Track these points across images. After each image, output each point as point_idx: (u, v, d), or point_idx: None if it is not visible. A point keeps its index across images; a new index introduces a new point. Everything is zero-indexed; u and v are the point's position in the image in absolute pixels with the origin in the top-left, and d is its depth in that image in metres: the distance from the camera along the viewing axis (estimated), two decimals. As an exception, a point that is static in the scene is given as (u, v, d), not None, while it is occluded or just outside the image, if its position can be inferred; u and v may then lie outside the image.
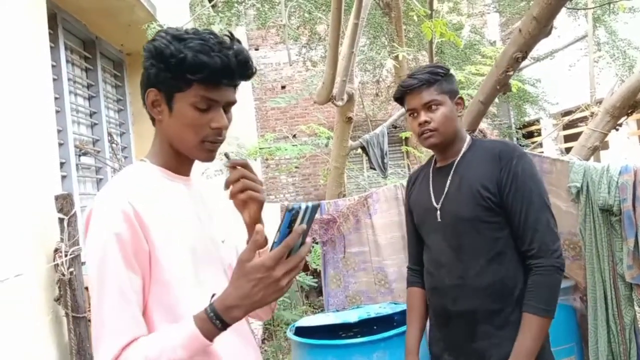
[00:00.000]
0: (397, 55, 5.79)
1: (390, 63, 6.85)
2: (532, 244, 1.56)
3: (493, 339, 1.59)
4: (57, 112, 2.69)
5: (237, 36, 1.13)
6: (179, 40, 1.06)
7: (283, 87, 10.04)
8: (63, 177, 2.66)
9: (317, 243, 3.25)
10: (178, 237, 1.08)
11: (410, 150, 6.19)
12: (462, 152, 1.71)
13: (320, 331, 2.59)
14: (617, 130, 3.68)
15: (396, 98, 1.77)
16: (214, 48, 1.05)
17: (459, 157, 1.70)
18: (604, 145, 5.28)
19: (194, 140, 1.10)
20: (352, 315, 2.67)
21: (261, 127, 9.80)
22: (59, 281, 2.22)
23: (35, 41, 2.35)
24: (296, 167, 7.99)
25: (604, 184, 2.46)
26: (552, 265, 1.55)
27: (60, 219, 2.25)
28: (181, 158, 1.16)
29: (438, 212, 1.68)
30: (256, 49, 9.88)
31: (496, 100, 3.87)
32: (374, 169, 4.67)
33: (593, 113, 3.74)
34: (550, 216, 1.60)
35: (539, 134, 8.86)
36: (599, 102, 3.86)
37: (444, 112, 1.66)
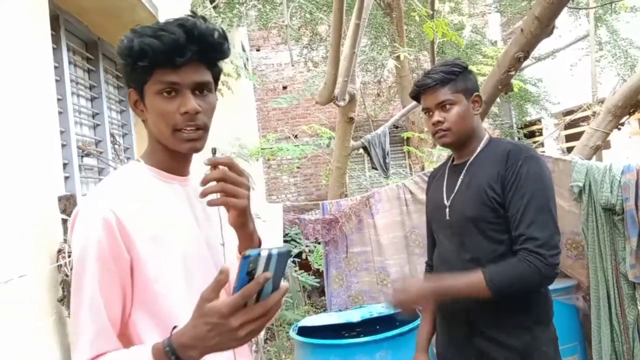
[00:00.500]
0: (399, 56, 5.79)
1: (391, 63, 6.85)
2: (525, 245, 1.51)
3: (493, 339, 1.59)
4: (60, 113, 2.69)
5: (239, 37, 1.07)
6: (135, 32, 1.02)
7: (284, 87, 10.05)
8: (66, 178, 2.66)
9: (319, 243, 3.25)
10: (168, 243, 1.02)
11: (412, 150, 6.20)
12: (477, 151, 1.70)
13: (322, 331, 2.59)
14: (619, 129, 3.68)
15: (412, 96, 1.78)
16: (164, 29, 0.99)
17: (473, 157, 1.69)
18: (606, 144, 5.28)
19: (167, 131, 1.03)
20: (354, 315, 2.67)
21: (263, 127, 9.81)
22: (63, 282, 2.22)
23: (38, 43, 2.36)
24: (298, 167, 8.00)
25: (606, 183, 2.46)
26: (536, 266, 1.48)
27: (63, 220, 2.25)
28: (174, 156, 1.09)
29: (447, 210, 1.69)
30: (257, 50, 9.89)
31: (497, 100, 3.87)
32: (376, 169, 4.67)
33: (595, 112, 3.74)
34: (551, 221, 1.54)
35: (541, 133, 8.85)
36: (601, 102, 3.85)
37: (458, 112, 1.64)
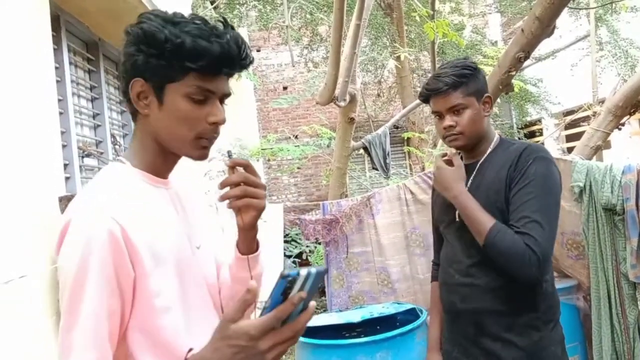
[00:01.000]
0: (399, 56, 5.79)
1: (392, 64, 6.85)
2: (526, 227, 1.47)
3: (500, 339, 1.58)
4: (61, 113, 2.70)
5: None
6: (173, 23, 0.94)
7: (285, 88, 10.05)
8: (66, 179, 2.66)
9: (319, 243, 3.25)
10: (165, 252, 0.97)
11: (412, 150, 6.20)
12: (488, 152, 1.68)
13: (323, 331, 2.59)
14: (619, 129, 3.68)
15: (421, 99, 1.74)
16: (212, 33, 0.94)
17: (484, 158, 1.68)
18: (607, 144, 5.27)
19: (188, 136, 0.98)
20: (355, 315, 2.67)
21: (263, 128, 9.81)
22: (63, 282, 2.22)
23: (39, 43, 2.36)
24: (298, 167, 8.00)
25: (607, 184, 2.46)
26: (532, 250, 1.44)
27: (64, 220, 2.26)
28: (166, 158, 1.04)
29: (456, 212, 1.66)
30: (258, 50, 9.89)
31: (498, 100, 3.87)
32: (376, 169, 4.67)
33: (595, 112, 3.74)
34: (554, 220, 1.53)
35: (541, 133, 8.85)
36: (601, 102, 3.85)
37: (470, 115, 1.62)
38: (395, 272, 3.13)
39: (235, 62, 0.98)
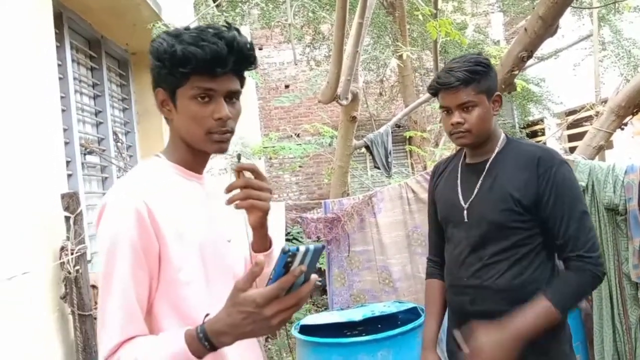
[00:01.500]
0: (401, 55, 5.77)
1: (394, 62, 6.84)
2: (574, 251, 1.51)
3: None
4: (63, 111, 2.70)
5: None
6: (174, 36, 1.07)
7: (287, 86, 10.05)
8: (69, 176, 2.67)
9: (321, 242, 3.25)
10: (189, 236, 1.09)
11: (414, 149, 6.19)
12: (496, 151, 1.64)
13: (324, 329, 2.59)
14: (622, 129, 3.66)
15: (431, 92, 1.71)
16: (204, 38, 1.05)
17: (493, 157, 1.64)
18: (609, 144, 5.26)
19: (200, 133, 1.10)
20: (356, 314, 2.67)
21: (265, 126, 9.81)
22: (65, 279, 2.23)
23: (42, 40, 2.36)
24: (300, 166, 8.00)
25: (609, 183, 2.45)
26: (590, 270, 1.50)
27: (66, 218, 2.26)
28: (195, 155, 1.16)
29: (465, 212, 1.63)
30: (260, 49, 9.89)
31: (500, 99, 3.86)
32: (378, 168, 4.66)
33: (598, 112, 3.73)
34: (591, 224, 1.57)
35: (543, 133, 8.84)
36: (604, 102, 3.84)
37: (479, 114, 1.59)
38: (396, 270, 3.13)
39: (227, 61, 1.06)
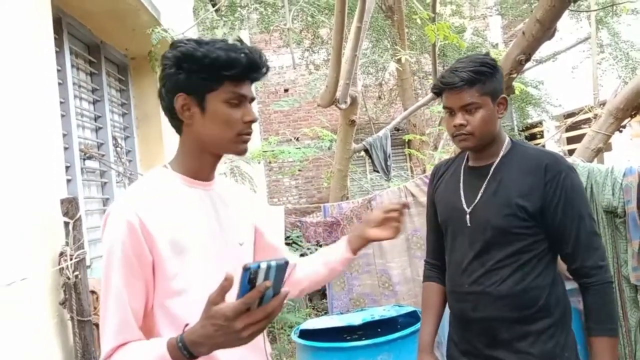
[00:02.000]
0: (400, 58, 5.79)
1: (392, 66, 6.86)
2: (586, 261, 1.51)
3: (514, 348, 1.53)
4: (63, 116, 2.70)
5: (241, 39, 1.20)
6: (205, 44, 1.13)
7: (286, 90, 10.07)
8: (68, 181, 2.67)
9: (320, 246, 3.25)
10: (189, 244, 1.13)
11: (413, 152, 6.21)
12: (501, 155, 1.60)
13: (324, 334, 2.59)
14: (620, 132, 3.67)
15: (434, 92, 1.67)
16: (237, 47, 1.13)
17: (498, 161, 1.59)
18: (608, 147, 5.27)
19: (230, 136, 1.16)
20: (356, 318, 2.67)
21: (264, 130, 9.82)
22: (64, 285, 2.22)
23: (41, 46, 2.37)
24: (299, 170, 8.01)
25: (608, 186, 2.46)
26: (607, 281, 1.51)
27: (65, 223, 2.25)
28: (205, 162, 1.21)
29: (468, 217, 1.58)
30: (259, 53, 9.89)
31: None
32: (377, 171, 4.67)
33: (596, 115, 3.74)
34: (598, 230, 1.58)
35: (542, 136, 8.85)
36: (602, 104, 3.85)
37: (483, 116, 1.53)
38: (396, 274, 3.13)
39: (261, 69, 1.17)
